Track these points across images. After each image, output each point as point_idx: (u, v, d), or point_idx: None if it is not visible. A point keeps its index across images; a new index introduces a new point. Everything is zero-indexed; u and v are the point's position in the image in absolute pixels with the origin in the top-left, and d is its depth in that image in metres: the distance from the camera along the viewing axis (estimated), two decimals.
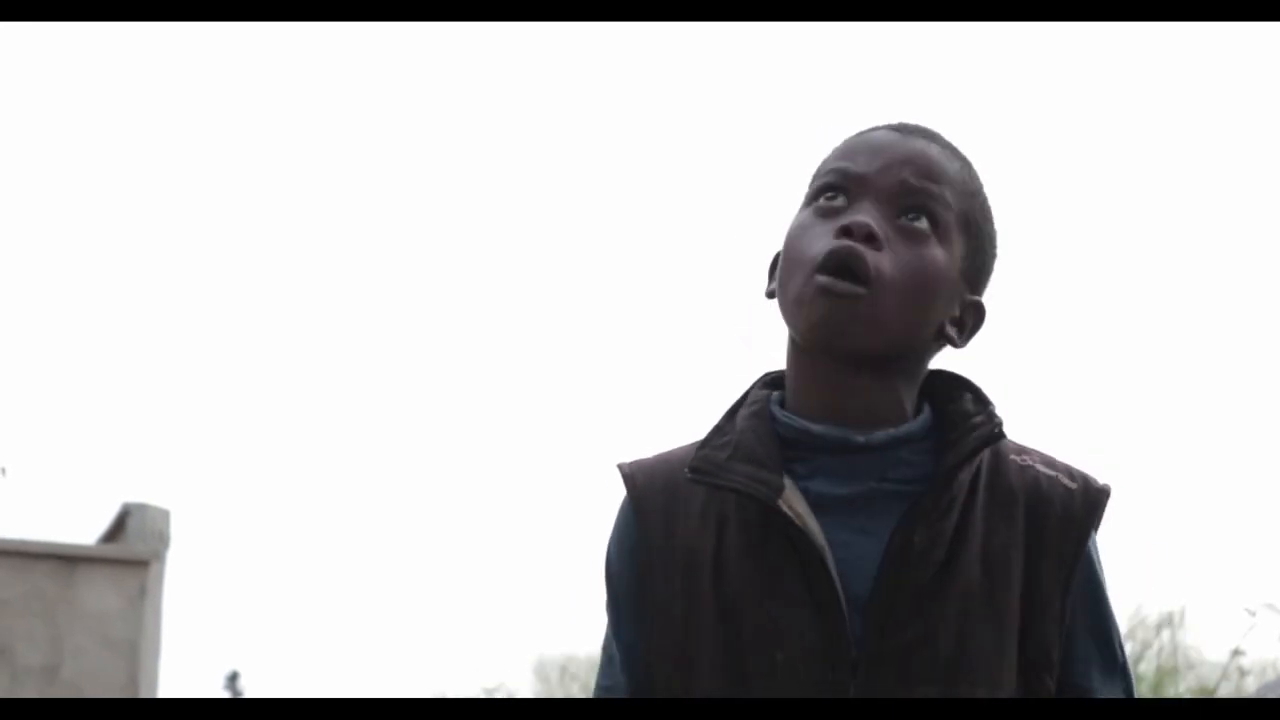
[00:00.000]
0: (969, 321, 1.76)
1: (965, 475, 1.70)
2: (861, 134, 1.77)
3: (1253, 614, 6.90)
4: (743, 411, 1.77)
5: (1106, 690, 1.73)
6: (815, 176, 1.77)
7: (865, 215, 1.68)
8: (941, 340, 1.75)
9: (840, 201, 1.72)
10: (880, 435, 1.70)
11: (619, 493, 1.81)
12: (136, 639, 8.56)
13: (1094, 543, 1.75)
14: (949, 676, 1.65)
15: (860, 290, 1.66)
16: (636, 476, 1.79)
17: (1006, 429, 1.72)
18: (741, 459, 1.71)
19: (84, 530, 9.71)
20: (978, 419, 1.71)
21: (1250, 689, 8.04)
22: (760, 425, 1.73)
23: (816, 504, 1.68)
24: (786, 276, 1.72)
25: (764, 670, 1.67)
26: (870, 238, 1.67)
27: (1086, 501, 1.73)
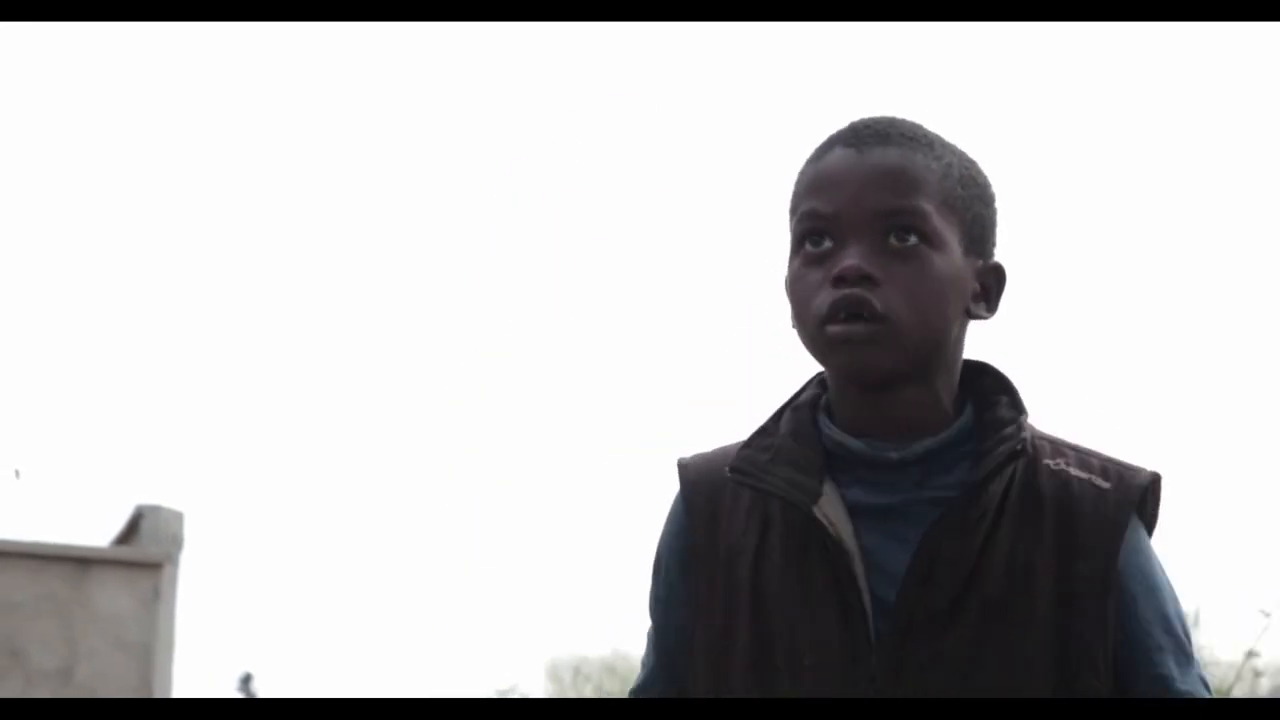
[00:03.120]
0: (991, 286, 1.76)
1: (997, 486, 1.71)
2: (820, 158, 1.75)
3: (1267, 615, 6.87)
4: (788, 414, 1.77)
5: (1185, 677, 1.72)
6: (792, 214, 1.75)
7: (854, 257, 1.68)
8: (969, 319, 1.75)
9: (826, 245, 1.70)
10: (917, 449, 1.71)
11: (675, 486, 1.82)
12: (150, 641, 8.57)
13: (1139, 535, 1.74)
14: (966, 689, 1.66)
15: (876, 327, 1.67)
16: (690, 470, 1.80)
17: (1031, 437, 1.73)
18: (783, 462, 1.72)
19: (97, 532, 9.72)
20: (1008, 430, 1.72)
21: (1264, 690, 8.03)
22: (805, 430, 1.74)
23: (855, 510, 1.69)
24: (799, 326, 1.73)
25: (792, 675, 1.68)
26: (866, 278, 1.67)
27: (1119, 500, 1.72)
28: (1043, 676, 1.67)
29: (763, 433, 1.77)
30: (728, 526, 1.75)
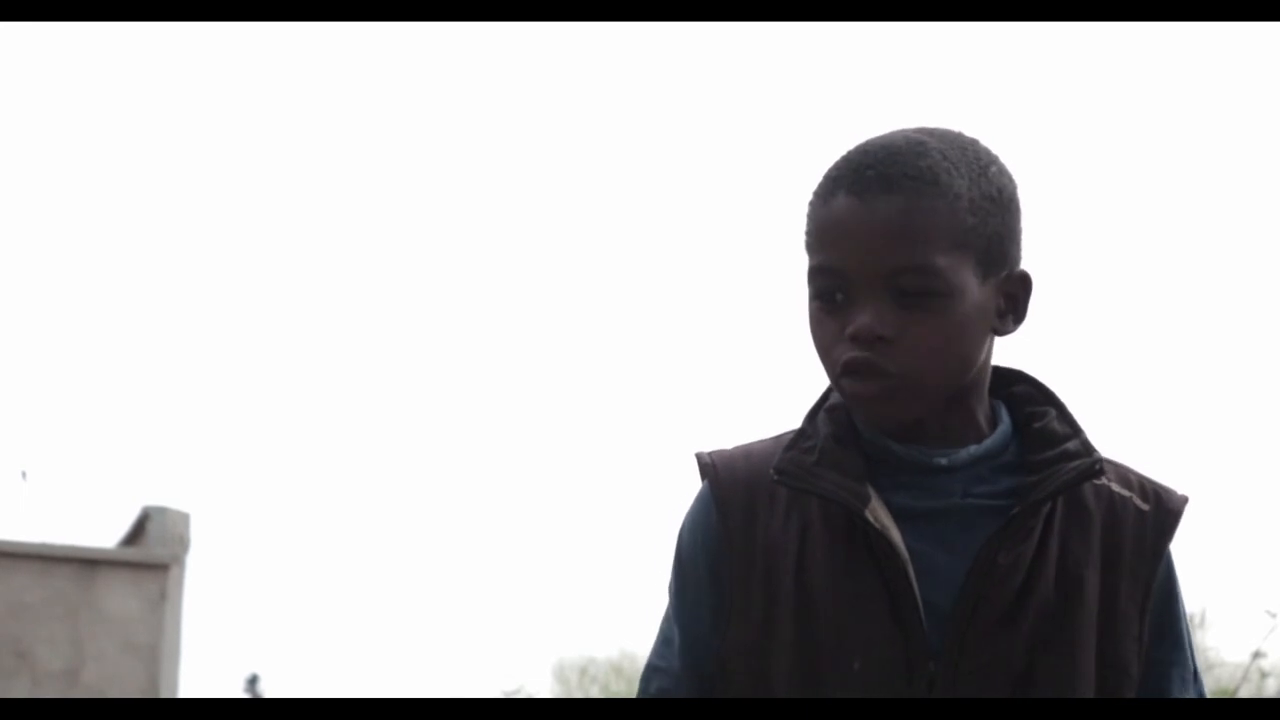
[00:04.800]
0: (1018, 294, 1.75)
1: (1047, 505, 1.72)
2: (826, 203, 1.72)
3: (1273, 616, 6.87)
4: (823, 415, 1.77)
5: (1184, 695, 1.76)
6: (807, 250, 1.74)
7: (866, 315, 1.68)
8: (993, 335, 1.75)
9: (840, 298, 1.70)
10: (962, 456, 1.72)
11: (694, 480, 1.80)
12: (157, 642, 8.58)
13: (1172, 559, 1.77)
14: (1020, 695, 1.67)
15: (890, 383, 1.68)
16: (718, 467, 1.78)
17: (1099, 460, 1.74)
18: (828, 465, 1.72)
19: (104, 534, 9.73)
20: (1070, 445, 1.73)
21: (1271, 690, 8.03)
22: (845, 433, 1.74)
23: (899, 514, 1.70)
24: (822, 364, 1.74)
25: (840, 678, 1.68)
26: (879, 339, 1.67)
27: (1159, 522, 1.75)
28: (1086, 690, 1.69)
29: (803, 435, 1.76)
30: (765, 526, 1.74)
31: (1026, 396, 1.78)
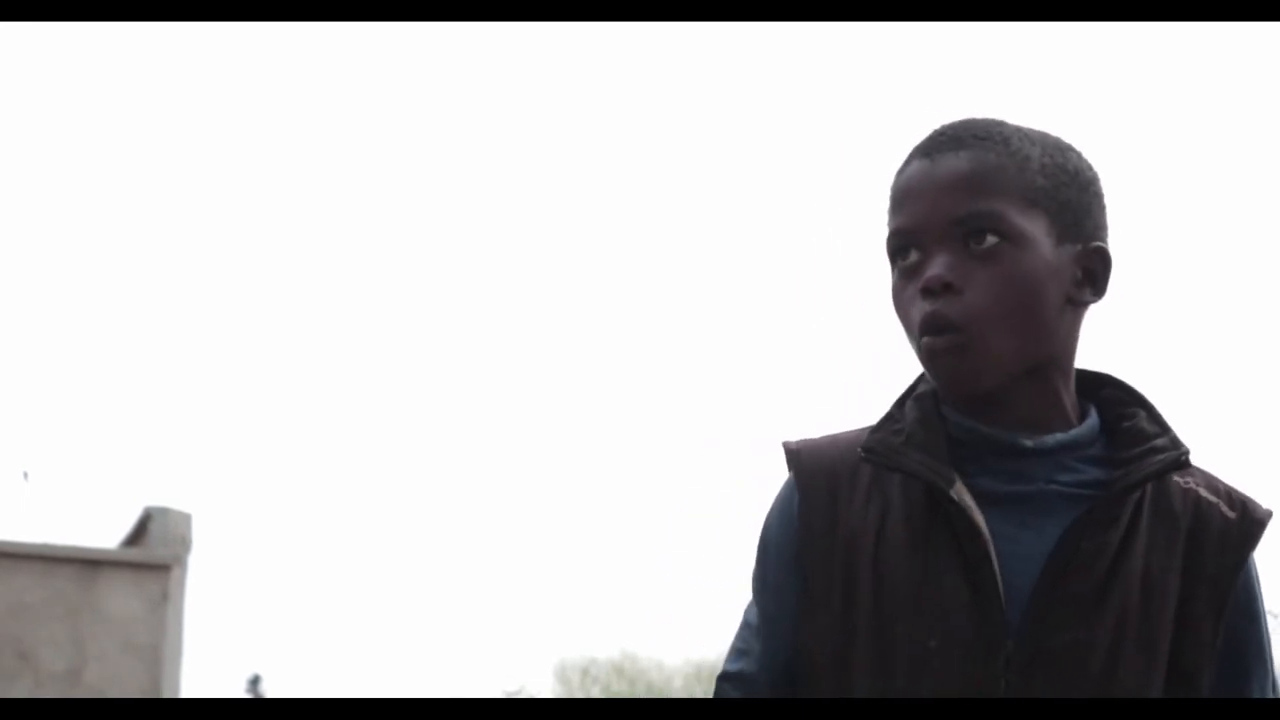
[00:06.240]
0: (1096, 269, 1.77)
1: (1134, 495, 1.73)
2: (899, 173, 1.78)
3: (1276, 617, 6.87)
4: (910, 402, 1.79)
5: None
6: (887, 226, 1.78)
7: (937, 267, 1.71)
8: (1074, 307, 1.76)
9: (914, 257, 1.74)
10: (1049, 440, 1.74)
11: (780, 470, 1.82)
12: (158, 643, 8.58)
13: (1254, 566, 1.78)
14: (1100, 686, 1.68)
15: (958, 337, 1.70)
16: (802, 455, 1.81)
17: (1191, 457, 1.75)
18: (914, 446, 1.74)
19: (106, 534, 9.75)
20: (1159, 441, 1.75)
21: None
22: (930, 417, 1.76)
23: (981, 497, 1.71)
24: (904, 332, 1.76)
25: (917, 657, 1.69)
26: (947, 287, 1.70)
27: (1243, 531, 1.76)
28: (1158, 687, 1.70)
29: (890, 419, 1.79)
30: (846, 509, 1.76)
31: (1115, 399, 1.80)
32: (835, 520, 1.76)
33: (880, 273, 1.79)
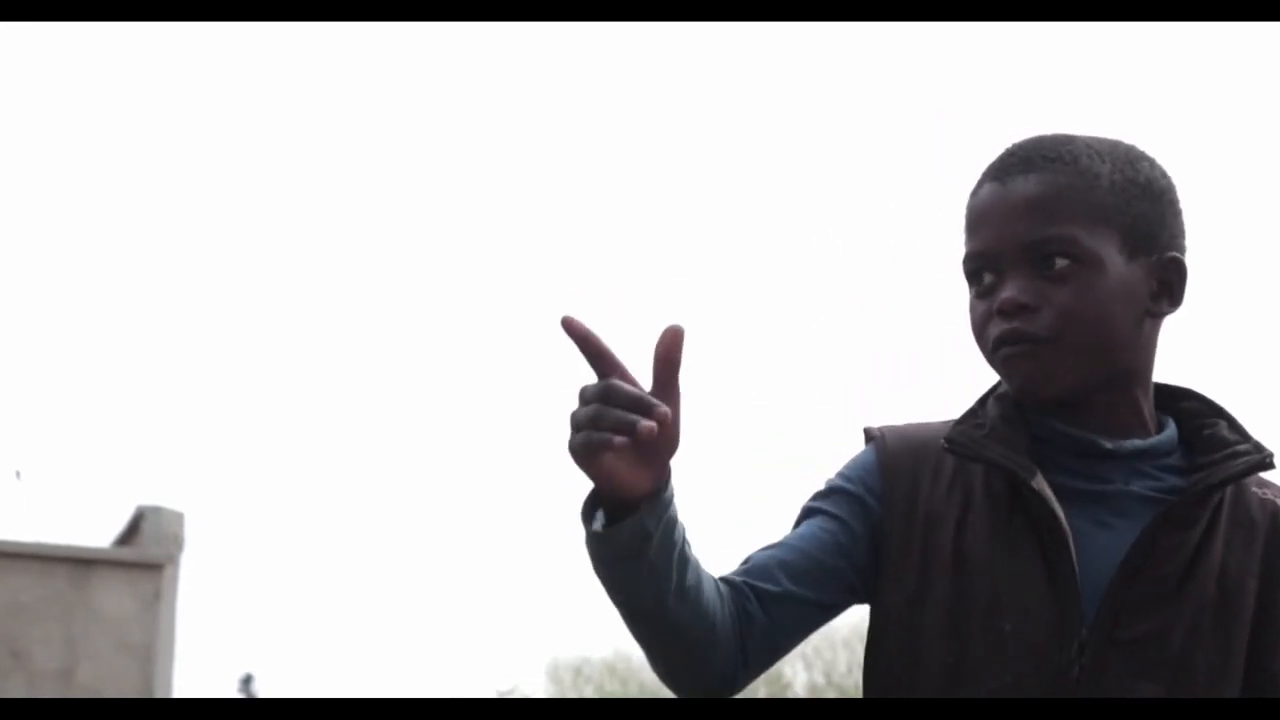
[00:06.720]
0: (1172, 280, 1.79)
1: (1214, 496, 1.76)
2: (973, 195, 1.81)
3: None
4: (992, 401, 1.82)
5: None
6: (964, 246, 1.81)
7: (1010, 289, 1.75)
8: (1150, 319, 1.79)
9: (990, 279, 1.77)
10: (1129, 445, 1.77)
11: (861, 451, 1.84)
12: (151, 642, 8.58)
13: None
14: (1173, 679, 1.71)
15: (1039, 346, 1.73)
16: (887, 437, 1.84)
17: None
18: (996, 440, 1.77)
19: (99, 533, 9.74)
20: (1240, 446, 1.77)
21: None
22: (1011, 415, 1.79)
23: (1061, 493, 1.74)
24: (980, 350, 1.80)
25: (990, 640, 1.72)
26: (1022, 308, 1.74)
27: None
28: (1234, 683, 1.73)
29: (972, 414, 1.82)
30: (928, 494, 1.79)
31: (1195, 411, 1.83)
32: (916, 503, 1.79)
33: (881, 272, 1.81)
